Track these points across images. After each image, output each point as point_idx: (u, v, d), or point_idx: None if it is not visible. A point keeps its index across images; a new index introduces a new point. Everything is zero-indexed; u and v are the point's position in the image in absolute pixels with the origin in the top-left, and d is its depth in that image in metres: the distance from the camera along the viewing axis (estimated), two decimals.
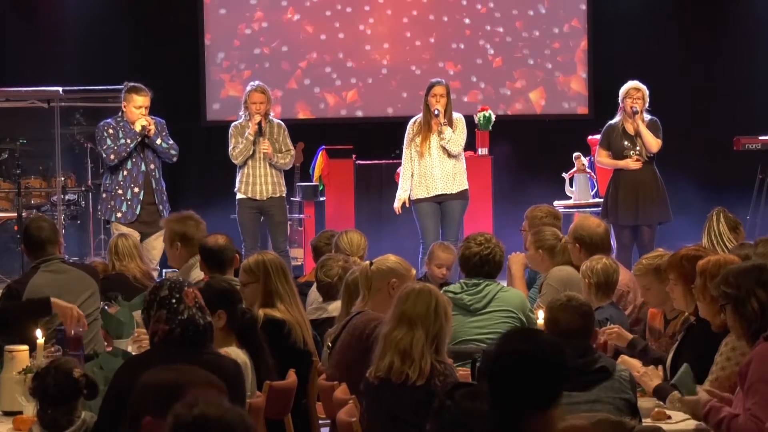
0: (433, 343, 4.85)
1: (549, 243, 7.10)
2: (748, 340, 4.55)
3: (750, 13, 13.40)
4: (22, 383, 5.02)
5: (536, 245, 7.15)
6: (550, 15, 13.43)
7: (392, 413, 4.84)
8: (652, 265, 5.87)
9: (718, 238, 7.05)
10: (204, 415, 2.83)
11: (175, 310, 4.42)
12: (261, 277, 6.06)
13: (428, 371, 4.79)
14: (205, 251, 6.75)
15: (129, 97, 9.61)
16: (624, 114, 9.98)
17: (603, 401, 4.58)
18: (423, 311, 4.86)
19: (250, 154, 9.94)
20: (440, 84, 10.06)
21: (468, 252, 6.44)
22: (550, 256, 7.07)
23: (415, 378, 4.79)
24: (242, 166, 10.02)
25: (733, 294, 4.53)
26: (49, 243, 6.35)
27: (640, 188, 9.94)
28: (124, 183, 9.62)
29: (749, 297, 4.50)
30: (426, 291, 4.94)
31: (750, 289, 4.51)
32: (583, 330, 4.74)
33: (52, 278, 6.26)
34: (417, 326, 4.84)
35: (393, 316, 4.93)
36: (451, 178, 10.03)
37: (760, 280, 4.52)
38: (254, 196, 10.00)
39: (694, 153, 12.75)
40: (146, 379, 3.23)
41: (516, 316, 6.33)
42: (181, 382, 3.16)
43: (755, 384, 4.33)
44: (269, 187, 10.02)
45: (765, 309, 4.49)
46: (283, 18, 13.35)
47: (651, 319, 5.95)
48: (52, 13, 13.12)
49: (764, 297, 4.50)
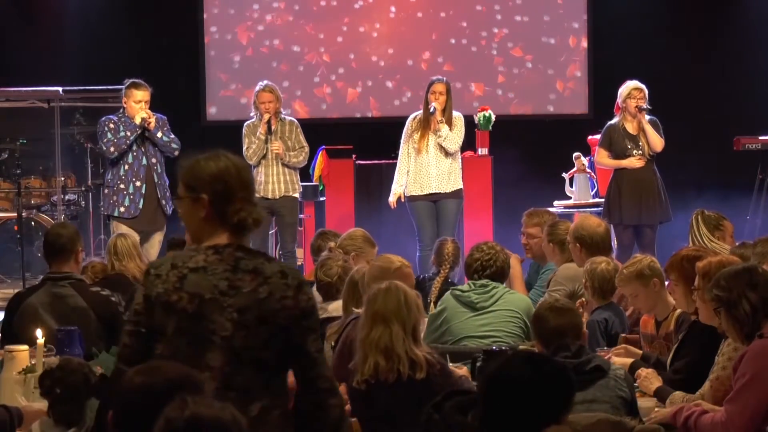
0: (411, 335, 4.87)
1: (560, 237, 7.25)
2: (742, 341, 4.55)
3: (750, 12, 13.39)
4: (22, 383, 5.03)
5: (549, 238, 7.33)
6: (551, 15, 13.42)
7: (389, 414, 4.83)
8: (634, 272, 5.84)
9: (700, 241, 7.04)
10: (197, 416, 2.83)
11: None
12: None
13: (425, 363, 4.80)
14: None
15: (129, 92, 9.65)
16: (624, 114, 9.97)
17: (600, 400, 4.60)
18: (395, 306, 4.88)
19: (264, 154, 10.02)
20: (440, 81, 10.07)
21: (470, 259, 6.64)
22: (561, 250, 7.23)
23: (409, 372, 4.78)
24: (255, 166, 10.07)
25: (725, 297, 4.53)
26: (63, 252, 6.16)
27: (643, 188, 9.94)
28: (126, 177, 9.63)
29: (740, 300, 4.50)
30: (393, 287, 4.96)
31: (741, 291, 4.51)
32: (571, 328, 4.78)
33: (50, 302, 6.10)
34: (392, 322, 4.86)
35: (366, 319, 4.93)
36: (446, 177, 10.04)
37: (750, 282, 4.51)
38: (267, 195, 10.06)
39: (694, 153, 12.74)
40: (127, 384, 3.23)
41: (520, 318, 6.39)
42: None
43: (746, 381, 4.34)
44: (282, 186, 10.12)
45: (756, 311, 4.48)
46: (283, 18, 13.35)
47: (643, 327, 5.94)
48: (52, 13, 13.13)
49: (755, 299, 4.49)
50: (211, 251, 3.69)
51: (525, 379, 3.24)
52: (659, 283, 5.78)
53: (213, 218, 3.73)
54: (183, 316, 3.63)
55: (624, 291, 6.09)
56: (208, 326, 3.63)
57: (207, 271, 3.66)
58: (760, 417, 4.31)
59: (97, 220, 12.20)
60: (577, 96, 13.45)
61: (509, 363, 3.33)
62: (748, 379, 4.33)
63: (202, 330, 3.62)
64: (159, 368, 3.20)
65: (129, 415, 3.13)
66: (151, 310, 3.65)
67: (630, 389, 4.76)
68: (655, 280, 5.79)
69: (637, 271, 5.84)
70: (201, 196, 3.72)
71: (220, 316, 3.63)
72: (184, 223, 3.84)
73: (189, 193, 3.75)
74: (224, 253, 3.70)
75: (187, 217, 3.78)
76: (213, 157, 3.76)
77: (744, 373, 4.35)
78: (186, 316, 3.63)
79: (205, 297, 3.64)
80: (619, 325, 6.27)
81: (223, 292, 3.65)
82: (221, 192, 3.72)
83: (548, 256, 7.46)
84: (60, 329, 5.68)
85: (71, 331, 5.62)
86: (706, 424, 4.40)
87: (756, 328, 4.46)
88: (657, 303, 5.80)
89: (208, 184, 3.72)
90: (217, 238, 3.72)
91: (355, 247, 7.37)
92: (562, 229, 7.27)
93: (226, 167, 3.75)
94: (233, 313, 3.63)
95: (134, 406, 3.12)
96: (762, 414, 4.31)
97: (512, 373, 3.27)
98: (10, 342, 5.69)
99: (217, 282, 3.65)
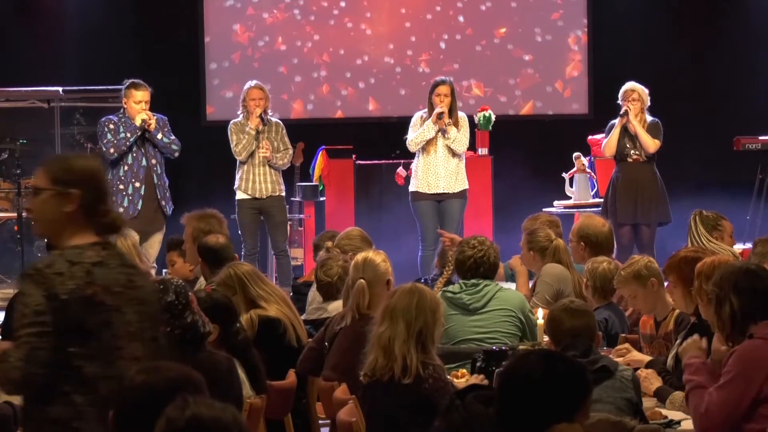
0: (417, 340, 4.81)
1: (541, 245, 7.16)
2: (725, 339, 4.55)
3: (750, 12, 13.39)
4: None
5: (528, 246, 7.23)
6: (551, 15, 13.42)
7: (388, 413, 4.83)
8: (631, 273, 5.85)
9: (699, 241, 7.04)
10: (197, 416, 2.83)
11: (179, 315, 4.46)
12: (238, 288, 6.04)
13: (415, 370, 4.76)
14: (206, 250, 6.75)
15: (129, 92, 9.65)
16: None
17: (604, 401, 4.58)
18: (404, 305, 4.85)
19: (252, 150, 9.99)
20: (444, 83, 10.07)
21: (462, 256, 6.40)
22: (541, 258, 7.14)
23: (400, 374, 4.76)
24: (241, 164, 10.05)
25: (715, 293, 4.53)
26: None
27: (639, 186, 9.98)
28: (125, 178, 9.63)
29: (725, 301, 4.48)
30: (414, 288, 4.95)
31: (727, 293, 4.48)
32: (586, 331, 4.75)
33: None
34: (398, 320, 4.83)
35: (380, 315, 4.94)
36: (454, 177, 10.06)
37: (737, 286, 4.48)
38: (254, 194, 10.03)
39: (694, 153, 12.74)
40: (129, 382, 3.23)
41: (515, 316, 6.31)
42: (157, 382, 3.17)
43: (730, 378, 4.36)
44: (269, 185, 10.07)
45: (735, 317, 4.46)
46: (283, 17, 13.35)
47: (642, 328, 5.93)
48: (52, 13, 13.11)
49: (737, 305, 4.46)
50: (98, 247, 3.73)
51: (537, 376, 3.27)
52: (657, 283, 5.78)
53: (79, 215, 3.73)
54: (103, 309, 3.66)
55: (622, 292, 6.09)
56: (125, 317, 3.69)
57: (106, 266, 3.70)
58: (737, 413, 4.34)
59: None
60: (577, 96, 13.45)
61: (524, 360, 3.36)
62: (731, 376, 4.36)
63: (123, 322, 3.68)
64: (159, 368, 3.20)
65: (129, 415, 3.13)
66: (62, 309, 3.61)
67: (637, 391, 4.75)
68: (653, 280, 5.79)
69: (634, 272, 5.84)
70: (70, 191, 3.72)
71: (130, 308, 3.71)
72: (35, 216, 3.83)
73: (55, 186, 3.73)
74: (110, 249, 3.76)
75: (45, 211, 3.76)
76: (87, 157, 3.87)
77: (729, 370, 4.38)
78: (106, 308, 3.66)
79: (114, 290, 3.69)
80: (619, 325, 6.28)
81: (125, 285, 3.72)
82: (95, 190, 3.75)
83: (527, 263, 7.35)
84: None
85: None
86: (694, 399, 4.44)
87: (739, 332, 4.45)
88: (656, 303, 5.80)
89: (83, 181, 3.74)
90: (84, 236, 3.73)
91: (352, 246, 7.37)
92: (542, 237, 7.19)
93: (100, 168, 3.84)
94: (137, 305, 3.73)
95: (135, 406, 3.12)
96: (740, 411, 4.34)
97: (526, 370, 3.30)
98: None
99: (117, 276, 3.72)
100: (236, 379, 4.56)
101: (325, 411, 5.76)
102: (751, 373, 4.34)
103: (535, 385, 3.26)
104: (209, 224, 7.22)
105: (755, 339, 4.42)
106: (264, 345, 5.74)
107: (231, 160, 10.24)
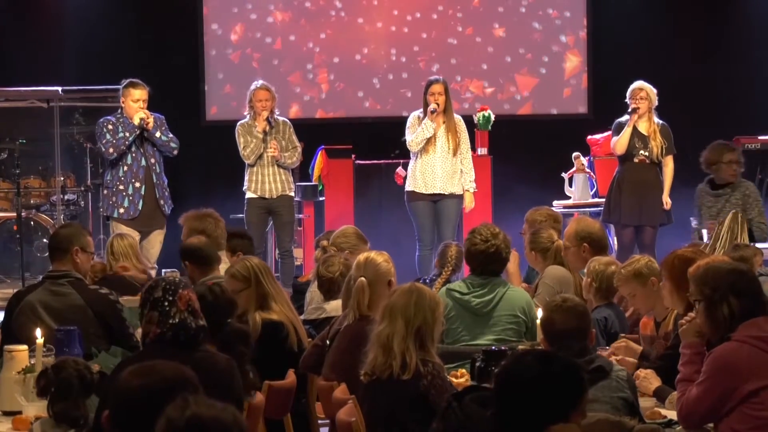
0: (416, 337, 4.83)
1: (543, 245, 7.21)
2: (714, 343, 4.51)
3: (750, 12, 13.39)
4: (22, 383, 5.03)
5: (530, 246, 7.29)
6: (551, 15, 13.42)
7: (389, 411, 4.83)
8: (631, 272, 5.86)
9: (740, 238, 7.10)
10: (197, 416, 2.82)
11: (167, 314, 4.44)
12: (253, 282, 6.03)
13: (414, 366, 4.77)
14: (189, 252, 6.75)
15: (126, 92, 9.66)
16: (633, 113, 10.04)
17: (600, 401, 4.57)
18: (403, 303, 4.87)
19: (260, 152, 9.99)
20: (438, 82, 10.07)
21: (474, 248, 6.28)
22: (543, 258, 7.20)
23: (399, 371, 4.77)
24: (251, 165, 10.05)
25: (708, 295, 4.49)
26: (59, 251, 6.15)
27: (644, 188, 9.98)
28: (125, 178, 9.64)
29: (722, 303, 4.45)
30: (413, 287, 4.97)
31: (724, 295, 4.45)
32: (579, 330, 4.73)
33: (48, 300, 6.08)
34: (397, 318, 4.85)
35: (380, 315, 4.96)
36: (450, 177, 10.05)
37: (735, 287, 4.46)
38: (264, 195, 10.05)
39: (694, 153, 12.72)
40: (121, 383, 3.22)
41: (520, 318, 6.24)
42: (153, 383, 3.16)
43: (703, 379, 4.39)
44: (279, 185, 10.09)
45: (734, 317, 4.44)
46: (283, 17, 13.35)
47: (643, 329, 5.93)
48: (52, 13, 13.12)
49: (736, 306, 4.44)
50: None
51: (533, 376, 3.29)
52: (657, 282, 5.77)
53: None
54: None
55: (622, 291, 6.09)
56: None
57: None
58: (712, 411, 4.38)
59: (96, 220, 12.19)
60: (577, 96, 13.45)
61: (520, 360, 3.38)
62: (705, 377, 4.40)
63: None
64: (155, 368, 3.19)
65: (126, 415, 3.12)
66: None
67: (632, 391, 4.74)
68: (653, 280, 5.79)
69: (634, 271, 5.85)
70: None
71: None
72: None
73: None
74: None
75: None
76: None
77: (705, 371, 4.41)
78: None
79: None
80: (619, 325, 6.27)
81: None
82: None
83: (531, 263, 7.45)
84: (59, 329, 5.67)
85: (71, 331, 5.60)
86: (679, 391, 4.53)
87: (730, 332, 4.44)
88: (655, 303, 5.79)
89: None
90: None
91: (348, 244, 7.38)
92: (544, 237, 7.23)
93: None
94: None
95: (131, 406, 3.11)
96: (715, 410, 4.37)
97: (521, 371, 3.32)
98: (10, 341, 5.69)
99: None
100: (236, 380, 4.55)
101: (325, 411, 5.75)
102: (722, 376, 4.35)
103: (530, 385, 3.29)
104: (204, 224, 7.21)
105: (732, 341, 4.40)
106: (265, 348, 5.74)
107: (231, 160, 10.23)
